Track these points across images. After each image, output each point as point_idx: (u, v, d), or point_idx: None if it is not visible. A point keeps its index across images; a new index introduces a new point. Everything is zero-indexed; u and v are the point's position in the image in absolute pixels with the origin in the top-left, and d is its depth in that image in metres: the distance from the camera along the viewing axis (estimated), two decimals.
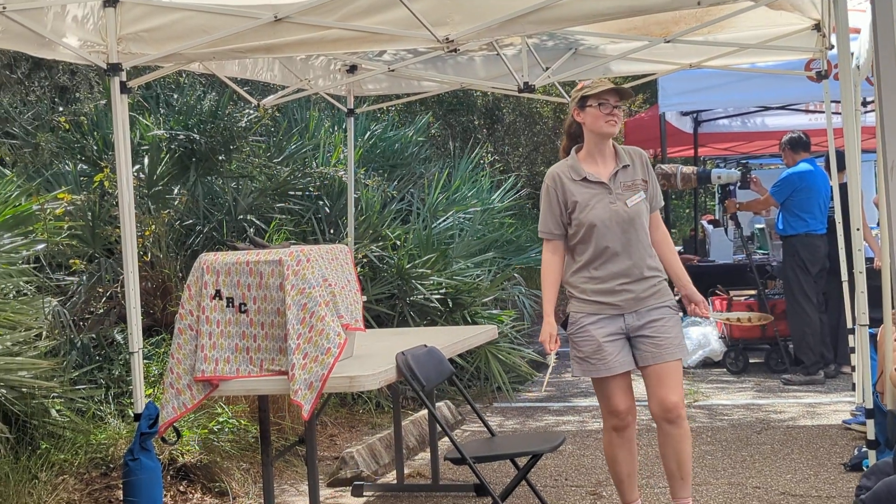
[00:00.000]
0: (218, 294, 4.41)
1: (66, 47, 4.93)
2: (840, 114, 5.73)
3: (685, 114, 12.31)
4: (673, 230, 16.92)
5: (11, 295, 5.99)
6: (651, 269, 4.59)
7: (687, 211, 23.94)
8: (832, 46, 6.08)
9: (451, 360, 5.47)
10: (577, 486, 5.78)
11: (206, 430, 5.91)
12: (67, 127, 8.40)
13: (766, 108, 12.57)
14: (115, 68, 4.93)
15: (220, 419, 6.04)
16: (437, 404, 7.33)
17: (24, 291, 6.32)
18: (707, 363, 9.57)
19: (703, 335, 9.73)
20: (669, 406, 4.50)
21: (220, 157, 8.38)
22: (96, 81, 9.51)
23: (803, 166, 8.75)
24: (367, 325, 6.45)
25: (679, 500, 4.64)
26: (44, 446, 5.25)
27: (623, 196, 4.55)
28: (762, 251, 11.04)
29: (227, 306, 4.41)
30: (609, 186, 4.55)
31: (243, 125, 8.49)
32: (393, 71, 7.07)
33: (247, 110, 8.67)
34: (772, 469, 5.95)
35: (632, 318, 4.55)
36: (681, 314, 4.69)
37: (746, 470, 5.96)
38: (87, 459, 5.36)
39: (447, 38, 4.71)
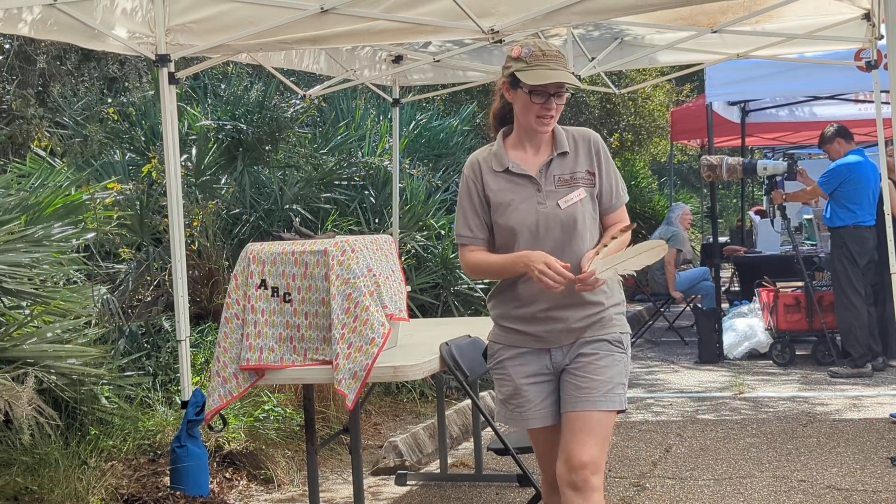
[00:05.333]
0: (263, 283, 4.44)
1: (115, 39, 4.99)
2: (889, 104, 5.66)
3: (732, 103, 12.21)
4: (720, 220, 16.81)
5: (62, 283, 6.08)
6: (594, 294, 3.46)
7: (734, 200, 23.79)
8: (882, 36, 6.01)
9: None
10: (621, 478, 5.77)
11: (252, 418, 5.97)
12: (116, 117, 8.50)
13: (815, 98, 12.44)
14: (163, 59, 4.99)
15: (266, 407, 6.10)
16: (481, 394, 7.34)
17: (74, 280, 6.41)
18: (753, 355, 9.52)
19: (750, 326, 9.68)
20: (577, 466, 3.36)
21: (267, 147, 8.44)
22: (145, 71, 9.61)
23: (852, 157, 8.65)
24: (412, 315, 6.48)
25: None
26: (93, 432, 5.34)
27: (556, 194, 3.46)
28: (810, 242, 10.94)
29: (272, 296, 4.44)
30: (537, 182, 3.47)
31: (290, 115, 8.55)
32: (438, 61, 7.09)
33: (293, 100, 8.72)
34: (817, 462, 5.90)
35: (559, 355, 3.50)
36: (628, 354, 3.56)
37: (791, 463, 5.92)
38: (135, 446, 5.44)
39: (492, 30, 4.71)
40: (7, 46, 8.55)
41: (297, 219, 8.18)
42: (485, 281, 8.45)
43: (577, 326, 3.46)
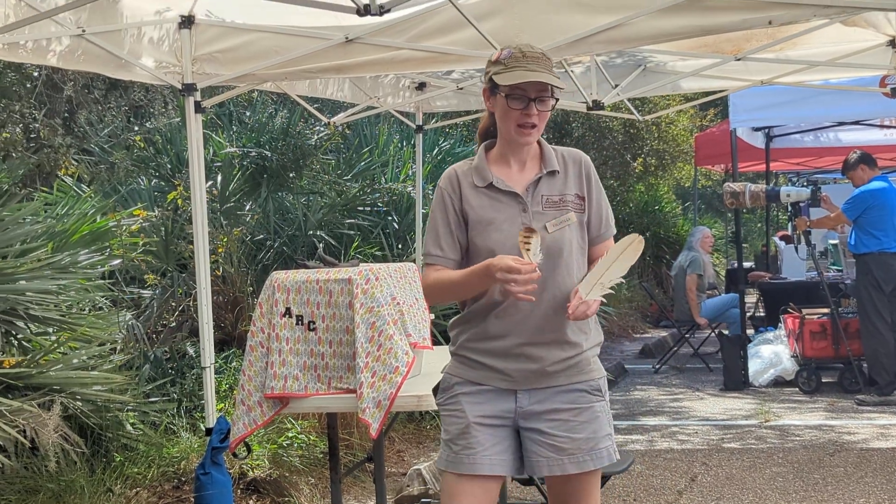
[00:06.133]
0: (288, 312, 4.45)
1: (142, 68, 5.03)
2: None
3: (757, 129, 12.18)
4: (745, 245, 16.73)
5: (87, 310, 6.12)
6: (575, 333, 3.13)
7: (759, 225, 23.69)
8: None
9: None
10: None
11: (276, 445, 5.97)
12: (142, 145, 8.57)
13: (840, 123, 12.38)
14: (189, 88, 5.02)
15: (290, 434, 6.10)
16: None
17: (100, 306, 6.46)
18: (779, 382, 9.45)
19: (775, 353, 9.62)
20: None
21: (291, 174, 8.49)
22: (170, 98, 9.69)
23: (876, 184, 8.61)
24: (435, 341, 6.48)
25: None
26: (118, 459, 5.35)
27: (544, 216, 3.11)
28: (836, 267, 10.88)
29: (297, 324, 4.45)
30: (524, 201, 3.13)
31: (314, 142, 8.60)
32: (461, 88, 7.11)
33: (317, 127, 8.77)
34: (844, 493, 5.85)
35: (526, 399, 3.12)
36: (607, 399, 3.22)
37: (818, 493, 5.87)
38: (160, 473, 5.45)
39: None
40: (35, 74, 8.64)
41: (321, 245, 8.21)
42: None
43: (552, 371, 3.11)
